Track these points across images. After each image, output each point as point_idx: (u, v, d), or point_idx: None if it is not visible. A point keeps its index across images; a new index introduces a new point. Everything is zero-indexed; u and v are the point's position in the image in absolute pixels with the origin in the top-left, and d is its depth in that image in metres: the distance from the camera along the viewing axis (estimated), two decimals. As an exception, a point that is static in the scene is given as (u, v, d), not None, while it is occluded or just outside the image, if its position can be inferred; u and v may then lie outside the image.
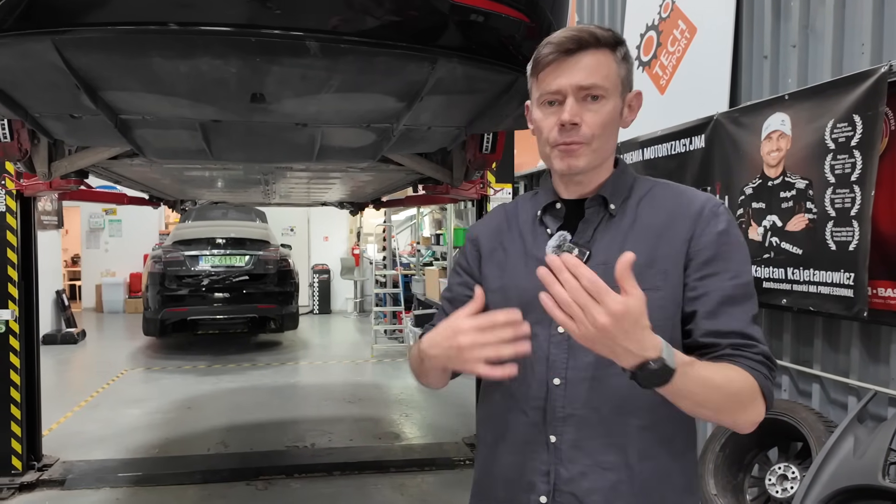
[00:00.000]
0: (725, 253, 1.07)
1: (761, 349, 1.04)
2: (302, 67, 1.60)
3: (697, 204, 1.10)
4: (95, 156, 2.82)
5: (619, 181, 1.14)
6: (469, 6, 1.52)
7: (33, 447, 4.05)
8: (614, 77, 1.07)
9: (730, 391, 0.98)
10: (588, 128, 1.06)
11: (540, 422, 1.10)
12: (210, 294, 7.72)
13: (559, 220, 1.15)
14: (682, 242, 1.08)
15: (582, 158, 1.08)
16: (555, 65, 1.05)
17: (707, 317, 1.05)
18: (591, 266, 1.02)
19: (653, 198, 1.13)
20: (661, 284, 1.07)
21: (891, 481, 2.37)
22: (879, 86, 2.54)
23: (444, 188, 3.26)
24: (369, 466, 4.23)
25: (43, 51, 1.47)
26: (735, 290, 1.06)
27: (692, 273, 1.07)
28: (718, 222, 1.08)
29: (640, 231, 1.10)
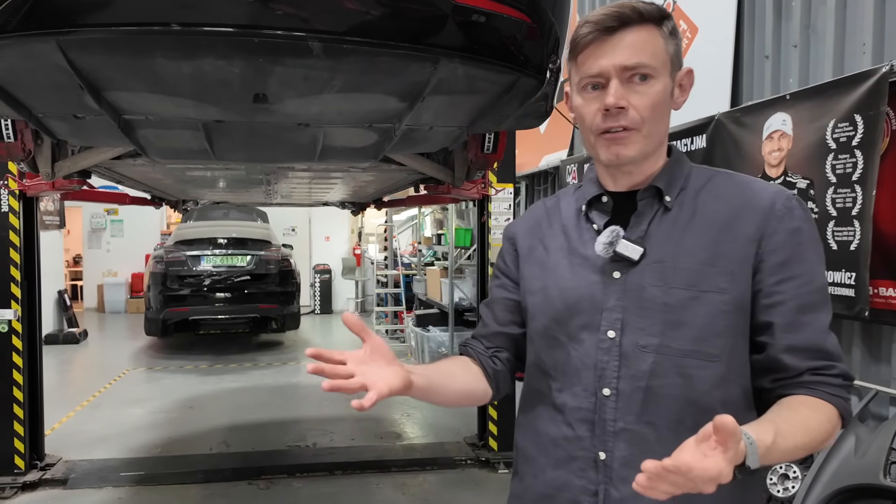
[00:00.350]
0: (801, 253, 0.97)
1: (840, 369, 0.96)
2: (304, 68, 1.60)
3: (767, 197, 0.98)
4: (98, 156, 2.83)
5: (675, 170, 1.03)
6: (471, 7, 1.52)
7: (36, 446, 4.06)
8: (662, 54, 0.96)
9: (813, 443, 0.90)
10: (636, 111, 0.95)
11: (587, 436, 1.00)
12: (212, 294, 7.74)
13: (606, 215, 1.05)
14: (749, 241, 0.97)
15: (631, 146, 0.97)
16: (595, 45, 0.96)
17: (786, 329, 0.95)
18: (646, 264, 0.98)
19: (713, 188, 1.02)
20: (727, 286, 0.96)
21: (892, 480, 2.37)
22: (880, 85, 2.54)
23: (445, 188, 3.26)
24: (371, 466, 4.24)
25: (47, 51, 1.48)
26: (812, 296, 0.96)
27: (766, 277, 0.96)
28: (792, 218, 0.97)
29: (701, 225, 0.99)
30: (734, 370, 0.97)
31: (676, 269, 0.97)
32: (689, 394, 0.97)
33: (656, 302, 0.97)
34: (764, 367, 0.98)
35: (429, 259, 9.24)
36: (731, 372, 0.97)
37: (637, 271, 0.99)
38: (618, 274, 1.00)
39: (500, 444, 4.37)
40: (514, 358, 1.18)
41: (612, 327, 0.99)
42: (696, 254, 0.97)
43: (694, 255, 0.97)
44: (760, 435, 0.82)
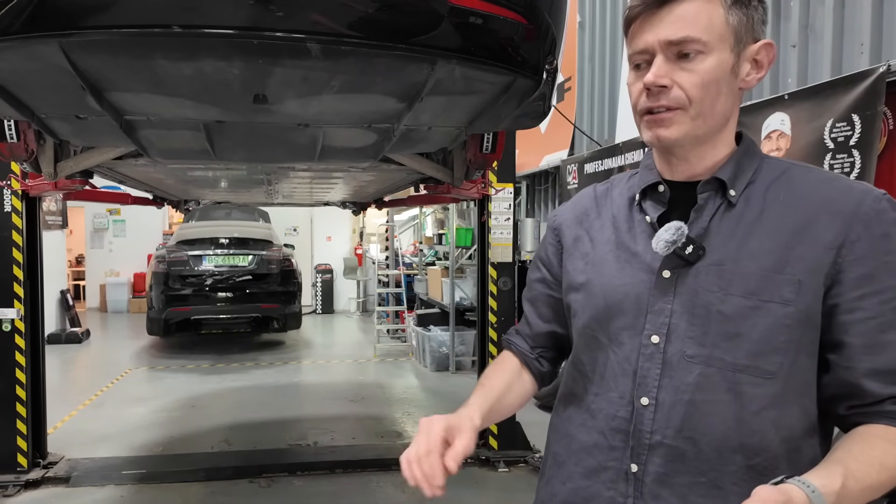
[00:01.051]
0: (891, 264, 0.84)
1: None
2: (303, 69, 1.62)
3: (853, 197, 0.86)
4: (100, 156, 2.85)
5: (743, 161, 0.92)
6: (467, 8, 1.54)
7: (39, 445, 4.09)
8: (720, 26, 0.86)
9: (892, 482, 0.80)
10: (682, 90, 0.87)
11: (620, 447, 0.93)
12: (213, 294, 7.76)
13: (662, 206, 0.95)
14: (826, 248, 0.85)
15: (674, 128, 0.88)
16: (643, 18, 0.88)
17: (866, 351, 0.84)
18: (702, 266, 0.89)
19: (788, 184, 0.90)
20: (792, 298, 0.85)
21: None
22: (878, 85, 2.56)
23: (445, 188, 3.28)
24: (371, 464, 4.25)
25: (49, 53, 1.50)
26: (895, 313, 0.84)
27: (846, 291, 0.85)
28: (881, 223, 0.85)
29: (769, 226, 0.88)
30: (793, 390, 0.87)
31: (736, 273, 0.87)
32: (738, 412, 0.87)
33: (710, 309, 0.88)
34: (838, 391, 0.88)
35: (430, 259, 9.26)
36: (788, 392, 0.87)
37: (692, 273, 0.90)
38: (668, 273, 0.91)
39: (500, 443, 4.38)
40: (559, 357, 1.14)
41: (658, 332, 0.91)
42: (760, 258, 0.87)
43: (758, 259, 0.87)
44: (827, 480, 0.74)
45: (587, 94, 5.54)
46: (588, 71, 5.53)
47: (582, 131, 5.44)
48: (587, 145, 5.34)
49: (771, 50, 0.92)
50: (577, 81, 5.67)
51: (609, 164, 4.59)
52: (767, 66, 0.93)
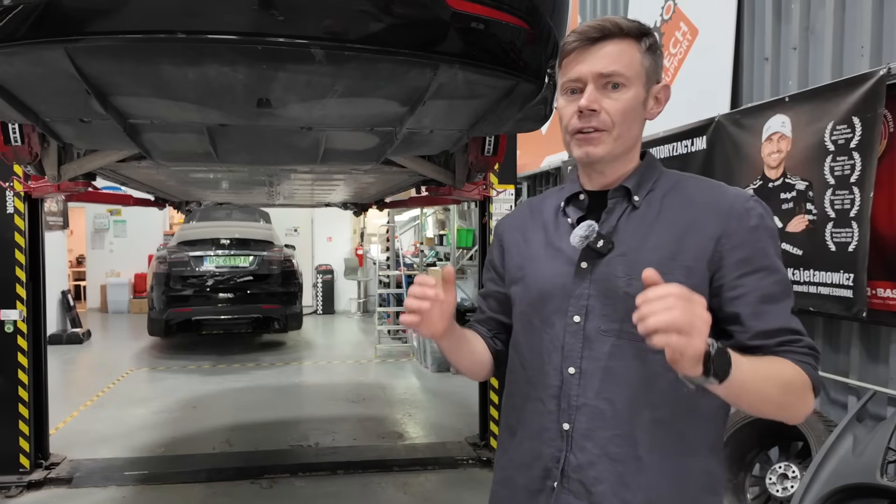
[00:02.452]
0: (761, 250, 1.04)
1: (806, 341, 1.04)
2: (307, 74, 1.63)
3: (727, 199, 1.07)
4: (104, 159, 2.86)
5: (646, 173, 1.12)
6: (470, 14, 1.55)
7: (41, 446, 4.10)
8: (637, 66, 1.06)
9: (783, 383, 0.98)
10: (607, 115, 1.05)
11: (555, 410, 1.11)
12: (214, 294, 7.77)
13: (581, 211, 1.15)
14: (709, 239, 1.05)
15: (600, 146, 1.07)
16: (577, 52, 1.06)
17: (752, 318, 1.03)
18: (611, 257, 1.08)
19: (680, 191, 1.11)
20: (684, 280, 0.99)
21: (889, 480, 2.39)
22: (878, 88, 2.56)
23: (446, 190, 3.29)
24: (373, 465, 4.26)
25: (55, 58, 1.51)
26: (774, 286, 1.04)
27: (728, 273, 1.04)
28: (751, 217, 1.05)
29: (665, 224, 1.08)
30: None
31: (639, 262, 1.03)
32: (644, 375, 1.06)
33: (619, 292, 1.06)
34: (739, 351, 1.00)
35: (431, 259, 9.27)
36: None
37: (604, 263, 1.08)
38: (585, 264, 1.10)
39: (501, 443, 4.38)
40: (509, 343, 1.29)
41: (578, 313, 1.10)
42: (658, 249, 1.06)
43: (656, 250, 1.06)
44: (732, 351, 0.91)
45: (588, 95, 5.55)
46: (589, 72, 5.54)
47: (583, 133, 5.46)
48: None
49: (668, 90, 1.14)
50: (577, 83, 5.70)
51: (610, 166, 4.60)
52: (664, 102, 1.13)
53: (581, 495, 1.08)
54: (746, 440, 3.21)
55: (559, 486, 1.10)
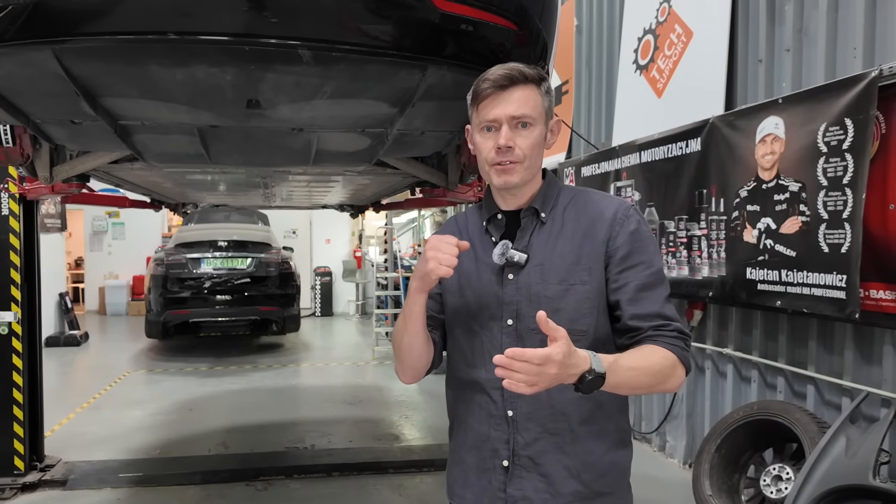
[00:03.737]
0: (639, 248, 1.28)
1: (675, 326, 1.25)
2: (295, 75, 1.63)
3: (612, 209, 1.31)
4: (96, 160, 2.86)
5: (548, 192, 1.35)
6: (459, 16, 1.55)
7: (35, 448, 4.09)
8: (540, 108, 1.27)
9: (652, 370, 1.19)
10: (520, 150, 1.25)
11: (499, 400, 1.30)
12: (212, 296, 7.76)
13: (501, 229, 1.35)
14: (601, 243, 1.28)
15: (515, 175, 1.27)
16: (492, 97, 1.25)
17: (629, 303, 1.26)
18: (529, 267, 1.29)
19: (575, 205, 1.34)
20: (588, 279, 1.28)
21: (881, 481, 2.39)
22: (870, 90, 2.56)
23: (440, 191, 3.29)
24: (368, 467, 4.25)
25: (43, 59, 1.51)
26: (649, 278, 1.27)
27: (613, 268, 1.28)
28: (630, 223, 1.29)
29: (567, 234, 1.30)
30: (599, 340, 1.28)
31: (552, 269, 1.28)
32: None
33: (540, 294, 1.28)
34: (619, 331, 1.29)
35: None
36: (596, 342, 1.27)
37: (525, 272, 1.29)
38: (511, 276, 1.30)
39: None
40: (441, 339, 1.46)
41: (511, 316, 1.30)
42: (565, 256, 1.29)
43: (563, 257, 1.29)
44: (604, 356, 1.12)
45: (584, 97, 5.55)
46: (585, 74, 5.54)
47: (579, 135, 5.45)
48: (584, 148, 5.35)
49: (560, 124, 1.37)
50: (574, 85, 5.69)
51: (605, 168, 4.60)
52: (558, 133, 1.35)
53: (530, 468, 1.29)
54: (741, 442, 3.22)
55: (511, 464, 1.30)
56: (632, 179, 4.31)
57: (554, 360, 1.03)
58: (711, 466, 3.24)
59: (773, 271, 3.11)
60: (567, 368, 1.05)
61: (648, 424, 4.57)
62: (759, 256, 3.21)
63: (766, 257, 3.16)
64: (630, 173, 4.33)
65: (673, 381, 1.23)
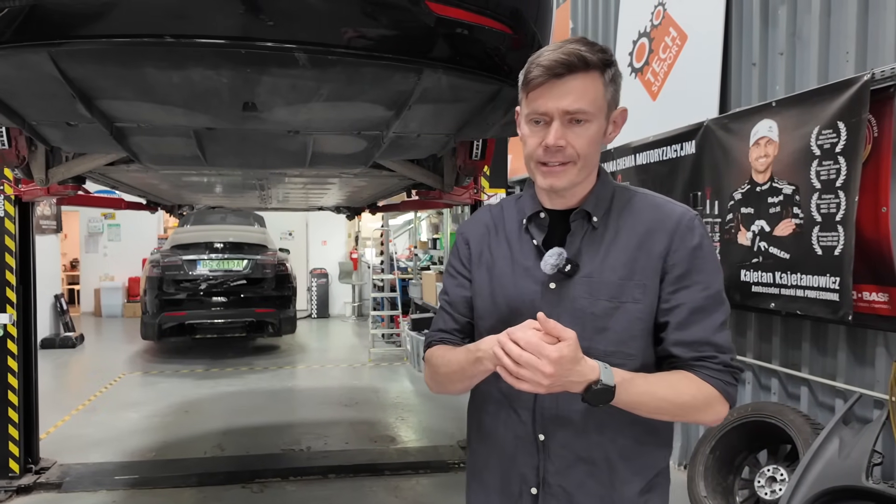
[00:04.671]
0: (698, 266, 1.13)
1: (722, 359, 1.11)
2: (291, 78, 1.64)
3: (674, 218, 1.14)
4: (92, 162, 2.86)
5: (601, 193, 1.18)
6: (454, 19, 1.56)
7: (30, 450, 4.08)
8: (601, 100, 1.09)
9: (678, 400, 1.08)
10: (573, 149, 1.09)
11: (530, 421, 1.16)
12: (208, 298, 7.75)
13: (543, 231, 1.18)
14: (658, 257, 1.13)
15: (564, 178, 1.11)
16: (544, 87, 1.07)
17: (677, 328, 1.12)
18: (577, 278, 1.13)
19: (632, 210, 1.17)
20: (641, 297, 1.12)
21: (874, 482, 2.40)
22: (862, 93, 2.58)
23: (436, 193, 3.30)
24: (364, 469, 4.25)
25: (39, 62, 1.51)
26: (705, 300, 1.12)
27: (667, 286, 1.13)
28: (692, 237, 1.13)
29: (621, 244, 1.14)
30: (648, 365, 1.15)
31: (602, 283, 1.13)
32: None
33: (585, 311, 1.13)
34: (660, 356, 1.16)
35: (425, 263, 9.27)
36: (644, 367, 1.13)
37: (570, 284, 1.14)
38: (553, 285, 1.15)
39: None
40: None
41: None
42: (616, 269, 1.13)
43: (615, 270, 1.13)
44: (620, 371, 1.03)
45: (580, 99, 5.57)
46: (581, 77, 5.56)
47: (575, 137, 5.48)
48: (580, 151, 5.37)
49: (626, 114, 1.17)
50: (570, 87, 5.71)
51: (601, 170, 4.62)
52: (621, 125, 1.17)
53: (562, 498, 1.16)
54: (735, 443, 3.23)
55: (541, 492, 1.17)
56: (626, 182, 4.33)
57: (549, 356, 0.94)
58: (706, 468, 3.25)
59: (767, 273, 3.13)
60: (568, 373, 0.96)
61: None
62: (753, 258, 3.22)
63: (760, 259, 3.17)
64: (625, 175, 4.35)
65: (708, 415, 1.11)
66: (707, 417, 1.11)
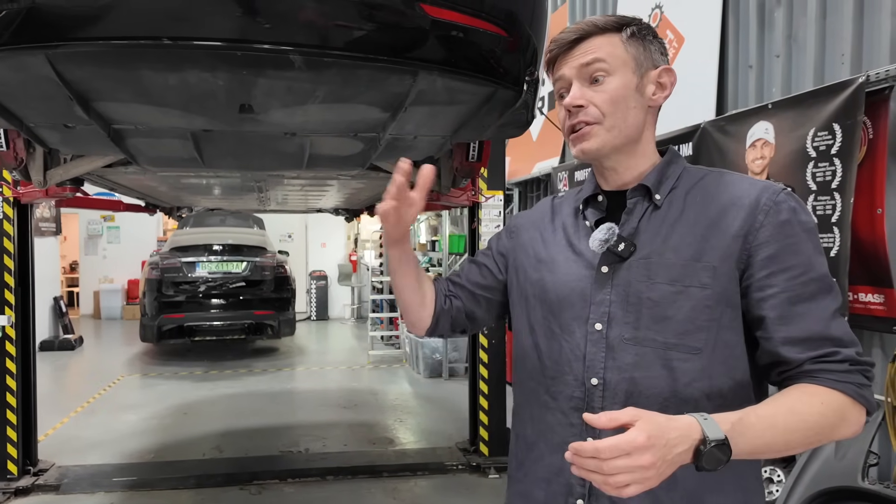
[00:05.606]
0: (793, 245, 0.95)
1: (846, 354, 0.92)
2: (287, 80, 1.65)
3: (754, 193, 0.99)
4: (90, 164, 2.86)
5: (666, 170, 1.06)
6: (449, 22, 1.57)
7: (29, 452, 4.09)
8: (620, 53, 1.02)
9: (808, 424, 0.89)
10: (595, 107, 1.02)
11: (578, 423, 1.03)
12: (207, 300, 7.76)
13: (600, 213, 1.09)
14: (734, 237, 0.97)
15: (594, 140, 1.02)
16: (561, 58, 1.06)
17: (780, 322, 0.95)
18: (633, 260, 1.01)
19: (704, 187, 1.04)
20: (709, 282, 0.97)
21: (870, 483, 2.41)
22: (857, 95, 2.59)
23: (434, 195, 3.31)
24: (362, 471, 4.26)
25: (37, 64, 1.52)
26: (807, 285, 0.94)
27: (756, 272, 0.96)
28: (780, 212, 0.97)
29: (688, 223, 1.01)
30: (719, 362, 0.98)
31: (661, 265, 1.00)
32: (672, 385, 0.98)
33: (641, 297, 1.00)
34: (768, 361, 0.97)
35: (424, 265, 9.28)
36: (714, 364, 0.97)
37: (625, 267, 1.02)
38: (606, 269, 1.04)
39: (491, 449, 4.40)
40: (463, 312, 1.24)
41: (600, 320, 1.03)
42: (680, 250, 0.99)
43: (679, 251, 0.99)
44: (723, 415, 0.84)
45: (578, 102, 5.58)
46: (579, 79, 5.58)
47: (573, 139, 5.49)
48: (578, 153, 5.38)
49: (671, 74, 1.06)
50: (568, 89, 5.73)
51: (599, 172, 4.63)
52: (670, 87, 1.06)
53: None
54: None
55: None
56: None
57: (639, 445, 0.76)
58: (703, 469, 3.25)
59: (764, 275, 3.13)
60: (667, 449, 0.78)
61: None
62: (749, 260, 3.23)
63: (757, 261, 3.18)
64: (623, 177, 4.36)
65: (844, 430, 0.91)
66: (844, 432, 0.91)
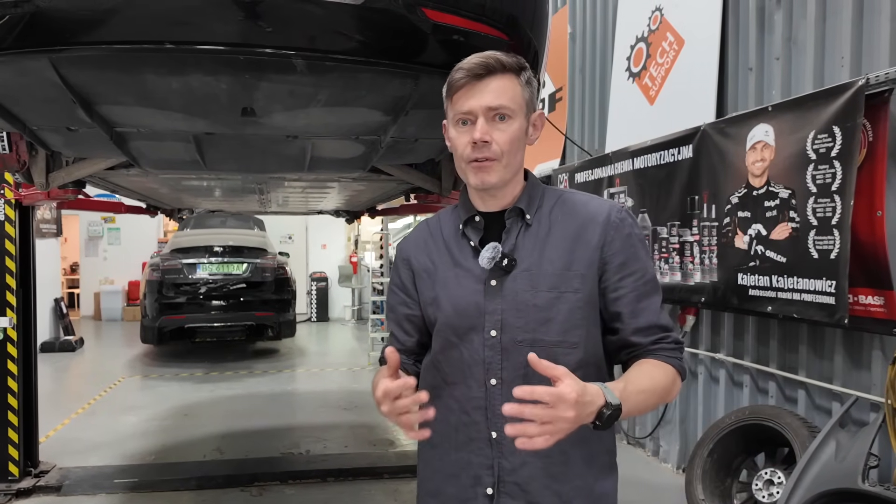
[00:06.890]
0: (635, 253, 1.20)
1: (672, 338, 1.19)
2: (289, 84, 1.66)
3: (604, 212, 1.21)
4: (92, 166, 2.87)
5: (532, 193, 1.24)
6: (450, 26, 1.58)
7: (30, 453, 4.09)
8: (519, 99, 1.16)
9: (659, 389, 1.13)
10: (498, 145, 1.14)
11: (482, 420, 1.19)
12: (208, 302, 7.76)
13: (480, 232, 1.24)
14: (594, 248, 1.18)
15: (493, 174, 1.16)
16: (466, 88, 1.14)
17: (631, 316, 1.18)
18: (516, 273, 1.18)
19: (563, 206, 1.24)
20: (580, 287, 1.18)
21: (870, 485, 2.41)
22: (857, 98, 2.60)
23: (434, 198, 3.31)
24: (363, 472, 4.26)
25: (40, 68, 1.53)
26: (646, 285, 1.19)
27: (610, 276, 1.19)
28: (624, 227, 1.20)
29: (556, 238, 1.20)
30: (590, 353, 1.20)
31: (541, 274, 1.18)
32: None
33: (528, 303, 1.17)
34: (618, 346, 1.21)
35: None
36: (587, 355, 1.19)
37: (511, 279, 1.18)
38: (494, 282, 1.19)
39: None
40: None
41: (494, 327, 1.18)
42: (555, 261, 1.18)
43: (553, 262, 1.18)
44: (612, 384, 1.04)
45: (578, 104, 5.59)
46: (579, 82, 5.58)
47: (573, 141, 5.49)
48: (578, 155, 5.39)
49: (543, 117, 1.24)
50: (567, 92, 5.73)
51: (599, 174, 4.64)
52: (541, 128, 1.24)
53: (518, 496, 1.18)
54: (733, 447, 3.24)
55: (496, 492, 1.19)
56: (625, 185, 4.35)
57: (568, 400, 0.91)
58: (704, 471, 3.26)
59: (764, 277, 3.14)
60: (584, 407, 0.94)
61: (642, 429, 4.59)
62: (750, 262, 3.24)
63: (757, 263, 3.19)
64: (623, 179, 4.36)
65: (673, 394, 1.16)
66: (672, 395, 1.16)
